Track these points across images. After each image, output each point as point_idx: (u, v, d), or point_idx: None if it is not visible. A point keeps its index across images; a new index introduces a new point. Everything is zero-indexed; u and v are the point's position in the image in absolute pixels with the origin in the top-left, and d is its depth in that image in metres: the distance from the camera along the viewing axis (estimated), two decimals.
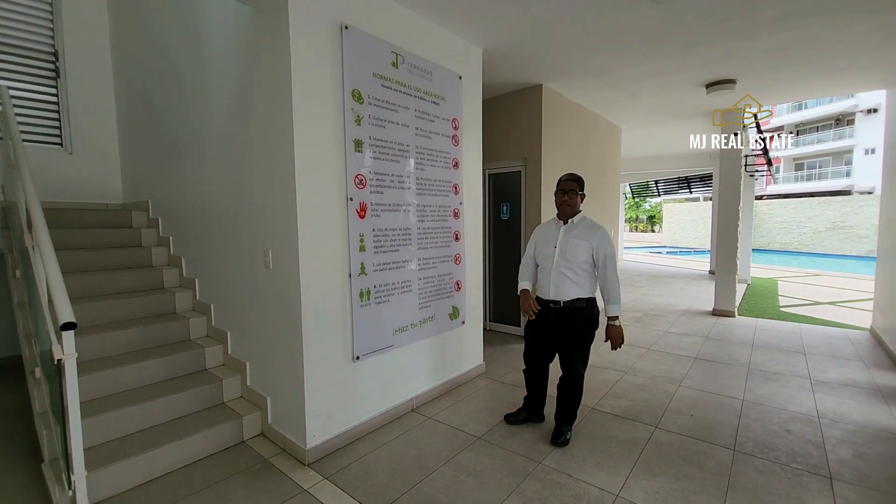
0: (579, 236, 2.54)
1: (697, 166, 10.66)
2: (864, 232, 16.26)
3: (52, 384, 2.10)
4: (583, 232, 2.56)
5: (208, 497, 2.13)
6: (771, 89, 4.93)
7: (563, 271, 2.53)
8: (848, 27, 3.30)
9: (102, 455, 2.18)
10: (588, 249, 2.52)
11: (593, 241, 2.51)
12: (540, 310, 2.62)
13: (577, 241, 2.53)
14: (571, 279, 2.52)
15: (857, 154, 22.50)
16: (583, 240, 2.53)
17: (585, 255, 2.52)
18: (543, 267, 2.64)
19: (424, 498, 2.12)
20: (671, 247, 22.01)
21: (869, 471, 2.32)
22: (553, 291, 2.55)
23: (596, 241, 2.51)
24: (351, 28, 2.51)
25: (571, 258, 2.52)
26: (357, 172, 2.59)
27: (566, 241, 2.56)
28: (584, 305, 2.54)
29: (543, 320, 2.62)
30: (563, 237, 2.58)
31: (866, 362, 4.04)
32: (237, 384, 2.87)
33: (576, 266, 2.51)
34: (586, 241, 2.52)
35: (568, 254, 2.53)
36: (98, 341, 2.71)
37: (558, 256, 2.55)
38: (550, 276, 2.56)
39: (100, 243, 3.52)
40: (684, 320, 5.77)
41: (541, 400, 2.83)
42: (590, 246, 2.51)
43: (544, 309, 2.61)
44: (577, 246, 2.52)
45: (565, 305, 2.53)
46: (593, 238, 2.52)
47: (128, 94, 4.10)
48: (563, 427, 2.65)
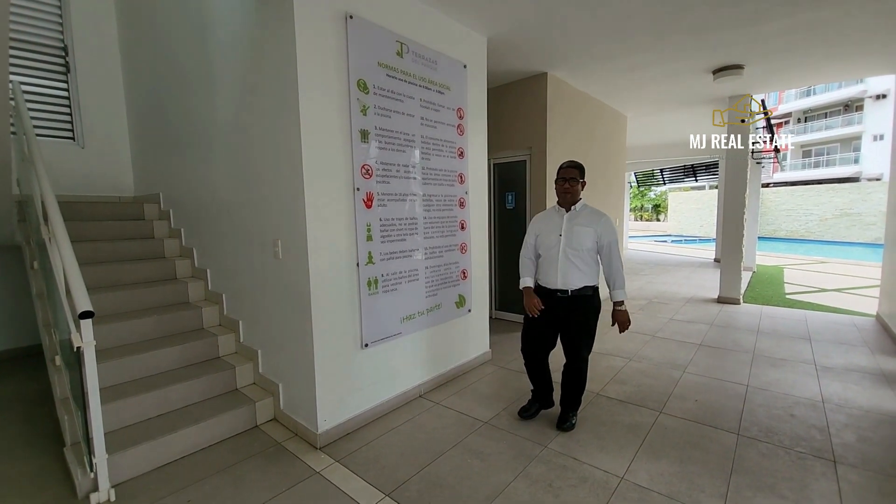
0: (584, 223, 2.53)
1: (704, 154, 10.55)
2: (871, 219, 16.08)
3: (72, 371, 2.17)
4: (587, 219, 2.55)
5: (225, 478, 2.20)
6: (779, 74, 4.87)
7: (572, 259, 2.51)
8: (857, 11, 3.26)
9: (122, 439, 2.25)
10: (593, 236, 2.52)
11: (598, 228, 2.52)
12: (544, 300, 2.60)
13: (583, 229, 2.52)
14: (579, 267, 2.51)
15: (865, 140, 22.11)
16: (588, 227, 2.52)
17: (591, 243, 2.52)
18: (547, 256, 2.60)
19: (433, 479, 2.18)
20: (676, 235, 21.89)
21: (873, 454, 2.35)
22: (561, 280, 2.53)
23: (601, 228, 2.52)
24: (356, 17, 2.52)
25: (578, 246, 2.51)
26: (363, 162, 2.62)
27: (571, 228, 2.54)
28: (591, 293, 2.56)
29: (549, 310, 2.60)
30: (568, 225, 2.56)
31: (872, 348, 4.05)
32: (250, 371, 2.94)
33: (582, 254, 2.51)
34: (591, 228, 2.52)
35: (574, 241, 2.52)
36: (114, 330, 2.77)
37: (564, 244, 2.53)
38: (558, 265, 2.54)
39: (113, 235, 3.58)
40: (689, 308, 5.78)
41: (548, 388, 2.82)
42: (595, 233, 2.52)
43: (551, 298, 2.59)
44: (582, 233, 2.52)
45: (573, 294, 2.53)
46: (598, 225, 2.52)
47: (137, 88, 4.13)
48: (568, 412, 2.69)
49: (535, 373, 2.78)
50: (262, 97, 2.58)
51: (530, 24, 3.40)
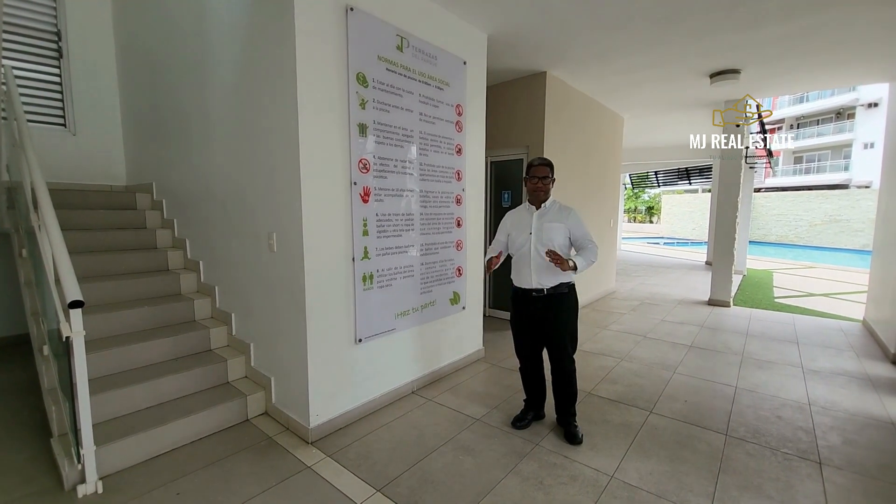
0: (554, 220, 2.51)
1: (699, 157, 10.64)
2: (859, 226, 16.33)
3: (61, 361, 2.14)
4: (556, 215, 2.53)
5: (214, 471, 2.19)
6: (774, 80, 4.92)
7: (544, 256, 2.44)
8: (854, 19, 3.30)
9: (110, 430, 2.22)
10: (564, 232, 2.50)
11: (567, 223, 2.50)
12: (521, 301, 2.58)
13: (553, 225, 2.50)
14: (551, 265, 2.43)
15: (855, 148, 22.46)
16: (558, 223, 2.50)
17: (562, 239, 2.50)
18: (519, 255, 2.56)
19: (424, 475, 2.19)
20: (669, 238, 22.08)
21: (858, 457, 2.39)
22: (535, 279, 2.49)
23: (570, 222, 2.51)
24: (356, 10, 2.50)
25: (548, 242, 2.48)
26: (361, 157, 2.60)
27: (541, 225, 2.51)
28: (567, 291, 2.52)
29: (526, 311, 2.57)
30: (538, 223, 2.53)
31: (858, 353, 4.12)
32: (241, 364, 2.92)
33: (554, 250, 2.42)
34: (562, 223, 2.50)
35: (545, 238, 2.49)
36: (104, 320, 2.74)
37: (535, 242, 2.50)
38: (530, 264, 2.51)
39: (104, 224, 3.53)
40: (680, 309, 5.84)
41: (541, 396, 2.76)
42: (565, 227, 2.50)
43: (527, 298, 2.55)
44: (553, 229, 2.49)
45: (549, 293, 2.49)
46: (567, 219, 2.51)
47: (131, 76, 4.06)
48: (571, 426, 2.58)
49: (530, 378, 2.73)
50: (259, 88, 2.55)
51: (531, 22, 3.40)
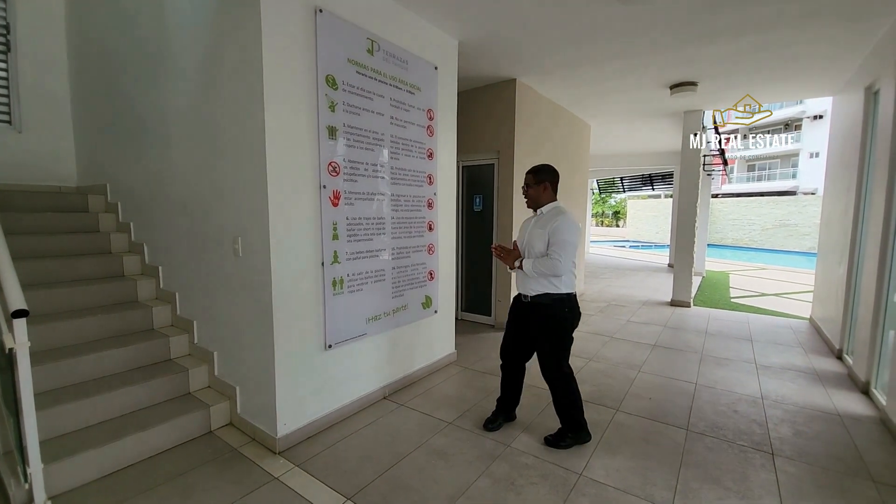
0: (540, 226, 2.42)
1: (661, 164, 11.11)
2: (806, 230, 17.49)
3: (4, 375, 1.99)
4: (545, 222, 2.42)
5: (173, 488, 2.09)
6: (727, 92, 5.21)
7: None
8: (798, 38, 3.54)
9: (61, 447, 2.09)
10: (544, 238, 2.36)
11: (549, 229, 2.36)
12: (514, 303, 2.60)
13: (536, 231, 2.42)
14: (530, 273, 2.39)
15: (802, 157, 24.07)
16: (541, 229, 2.40)
17: (542, 246, 2.37)
18: None
19: (396, 482, 2.16)
20: (634, 241, 22.87)
21: (807, 447, 2.53)
22: (520, 285, 2.50)
23: (551, 228, 2.35)
24: (325, 11, 2.47)
25: (530, 250, 2.44)
26: (330, 160, 2.57)
27: (531, 232, 2.47)
28: (549, 303, 2.39)
29: (514, 313, 2.59)
30: (531, 229, 2.49)
31: (805, 349, 4.39)
32: (204, 374, 2.81)
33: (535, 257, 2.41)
34: (544, 230, 2.38)
35: (528, 245, 2.46)
36: (52, 330, 2.57)
37: (524, 248, 2.50)
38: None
39: (53, 228, 3.31)
40: (645, 310, 6.05)
41: (514, 400, 2.73)
42: (546, 234, 2.36)
43: (517, 302, 2.56)
44: (535, 236, 2.41)
45: (532, 301, 2.44)
46: (549, 225, 2.36)
47: (83, 71, 3.84)
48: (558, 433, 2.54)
49: (505, 379, 2.71)
50: (224, 87, 2.47)
51: (501, 31, 3.46)
